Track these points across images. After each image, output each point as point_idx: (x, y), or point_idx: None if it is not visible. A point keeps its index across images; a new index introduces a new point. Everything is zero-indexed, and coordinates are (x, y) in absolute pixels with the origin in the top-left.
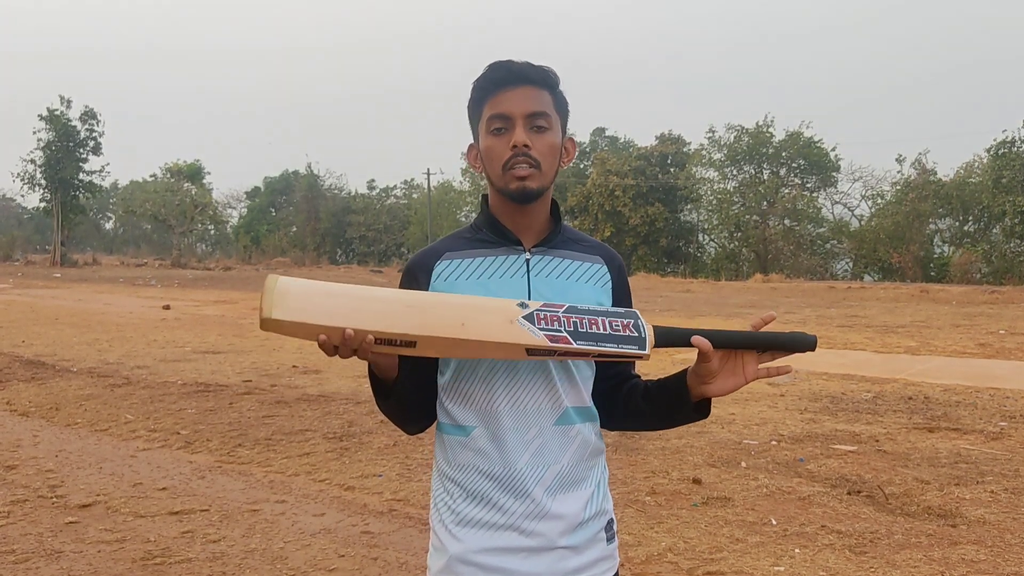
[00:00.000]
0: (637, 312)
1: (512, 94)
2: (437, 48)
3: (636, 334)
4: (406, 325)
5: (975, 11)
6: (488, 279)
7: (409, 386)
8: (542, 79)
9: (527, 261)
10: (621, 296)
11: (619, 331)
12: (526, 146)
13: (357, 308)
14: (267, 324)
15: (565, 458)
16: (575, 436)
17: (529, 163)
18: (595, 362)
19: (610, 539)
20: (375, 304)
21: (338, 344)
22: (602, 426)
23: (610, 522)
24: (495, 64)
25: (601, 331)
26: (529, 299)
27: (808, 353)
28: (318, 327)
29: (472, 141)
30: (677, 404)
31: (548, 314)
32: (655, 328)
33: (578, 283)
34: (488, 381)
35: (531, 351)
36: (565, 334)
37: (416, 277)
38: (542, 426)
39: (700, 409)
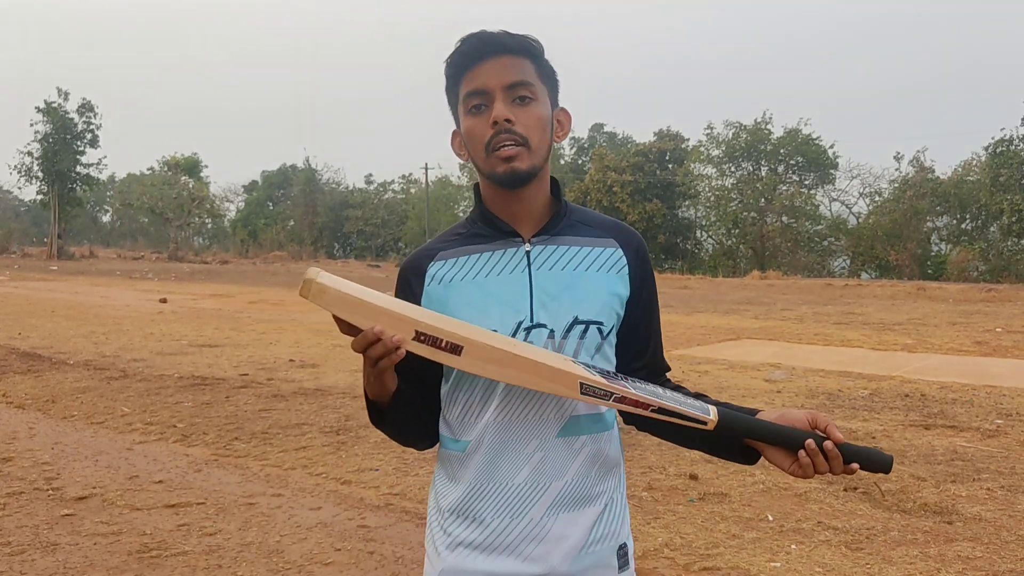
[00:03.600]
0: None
1: (488, 66)
2: (437, 43)
3: (697, 403)
4: (455, 327)
5: (975, 11)
6: (485, 278)
7: (406, 407)
8: (521, 47)
9: (527, 253)
10: (641, 284)
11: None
12: (508, 120)
13: (403, 305)
14: (310, 288)
15: (569, 473)
16: (581, 448)
17: (515, 140)
18: (618, 359)
19: (623, 566)
20: (421, 310)
21: (380, 334)
22: (626, 423)
23: (623, 547)
24: (467, 37)
25: (661, 391)
26: (532, 295)
27: (807, 353)
28: (365, 304)
29: (455, 128)
30: (726, 441)
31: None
32: (719, 405)
33: (587, 273)
34: (487, 390)
35: (585, 389)
36: (622, 381)
37: (409, 281)
38: (544, 438)
39: (747, 455)
